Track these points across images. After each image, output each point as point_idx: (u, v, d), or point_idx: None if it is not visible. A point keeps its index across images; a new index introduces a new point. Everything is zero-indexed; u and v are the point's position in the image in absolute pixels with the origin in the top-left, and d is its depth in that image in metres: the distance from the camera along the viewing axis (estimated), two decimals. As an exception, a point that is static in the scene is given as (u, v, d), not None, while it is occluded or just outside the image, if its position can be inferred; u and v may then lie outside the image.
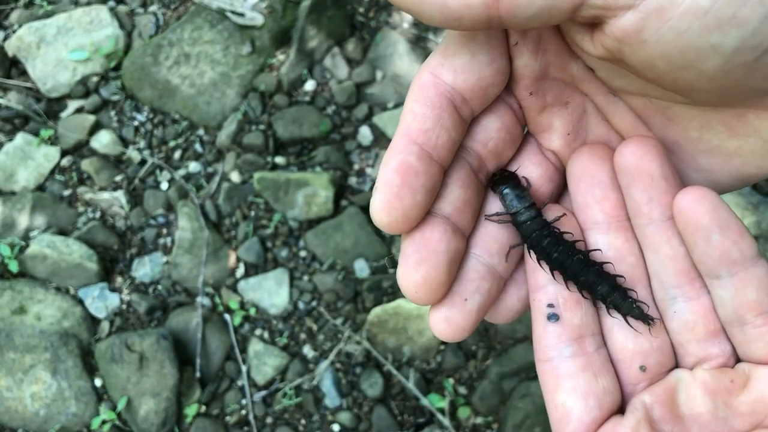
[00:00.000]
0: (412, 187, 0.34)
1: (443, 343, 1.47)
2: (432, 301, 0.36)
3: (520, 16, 0.31)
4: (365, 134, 1.67)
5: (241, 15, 1.75)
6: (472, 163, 0.38)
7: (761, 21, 0.29)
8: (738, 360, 0.37)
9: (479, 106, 0.37)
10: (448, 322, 0.36)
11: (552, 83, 0.38)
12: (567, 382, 0.37)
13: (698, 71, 0.31)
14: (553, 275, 0.39)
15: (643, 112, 0.37)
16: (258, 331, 1.52)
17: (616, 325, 0.38)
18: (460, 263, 0.38)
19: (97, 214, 1.64)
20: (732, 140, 0.35)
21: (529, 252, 0.39)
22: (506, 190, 0.39)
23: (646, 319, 0.38)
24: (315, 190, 1.56)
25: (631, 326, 0.38)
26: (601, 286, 0.38)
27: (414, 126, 0.35)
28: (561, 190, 0.42)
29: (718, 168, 0.37)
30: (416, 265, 0.35)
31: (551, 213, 0.40)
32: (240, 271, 1.57)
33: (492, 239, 0.39)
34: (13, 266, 1.55)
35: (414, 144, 0.35)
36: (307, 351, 1.50)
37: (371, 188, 1.63)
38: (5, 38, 1.85)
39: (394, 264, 0.41)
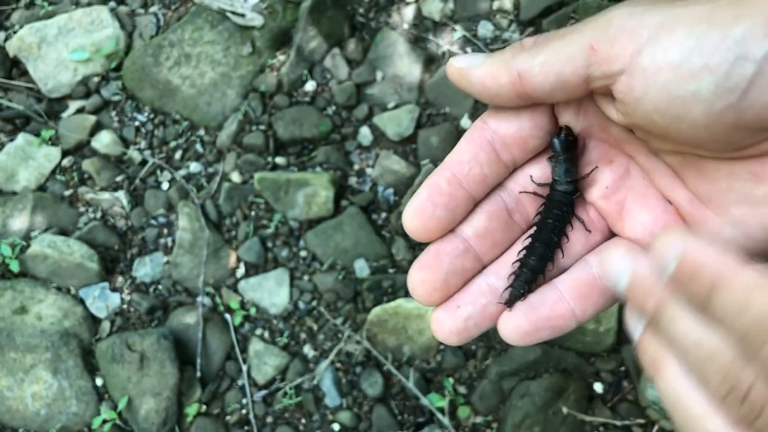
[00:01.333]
0: (434, 203, 0.41)
1: (443, 342, 1.48)
2: (426, 300, 0.42)
3: (541, 91, 0.38)
4: (365, 134, 1.68)
5: (242, 16, 1.76)
6: (507, 202, 0.44)
7: (731, 65, 0.31)
8: None
9: (520, 153, 0.43)
10: (438, 321, 0.42)
11: (596, 143, 0.43)
12: None
13: (690, 120, 0.34)
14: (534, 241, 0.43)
15: (679, 168, 0.40)
16: (258, 331, 1.53)
17: None
18: (468, 280, 0.43)
19: (98, 214, 1.65)
20: (759, 187, 0.37)
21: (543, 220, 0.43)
22: (559, 159, 0.42)
23: (509, 304, 0.42)
24: (315, 190, 1.57)
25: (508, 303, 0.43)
26: (531, 257, 0.43)
27: (453, 157, 0.42)
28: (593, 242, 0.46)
29: (750, 219, 0.38)
30: (420, 268, 0.42)
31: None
32: (240, 270, 1.57)
33: (507, 267, 0.43)
34: (14, 266, 1.55)
35: (448, 170, 0.42)
36: (308, 351, 1.50)
37: (371, 188, 1.63)
38: (6, 39, 1.85)
39: None
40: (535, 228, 0.44)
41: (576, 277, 0.42)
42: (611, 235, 0.44)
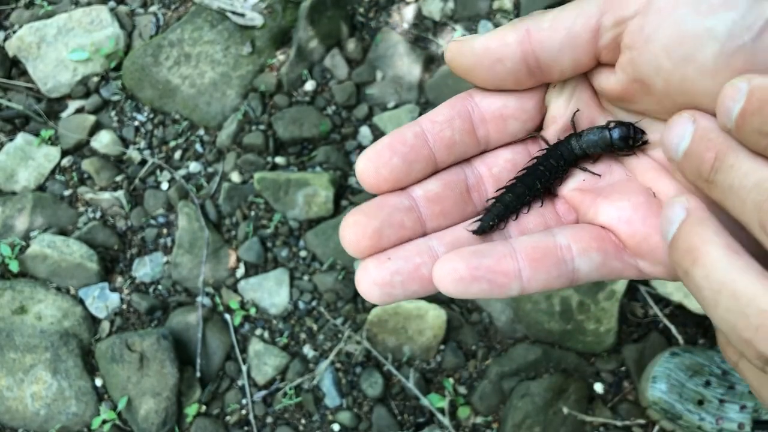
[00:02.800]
0: (393, 151, 0.38)
1: (443, 342, 1.47)
2: (354, 245, 0.38)
3: (549, 50, 0.36)
4: (365, 134, 1.68)
5: (242, 15, 1.76)
6: (468, 177, 0.42)
7: (751, 3, 0.31)
8: None
9: (496, 132, 0.41)
10: (363, 270, 0.38)
11: None
12: None
13: (699, 63, 0.33)
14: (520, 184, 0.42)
15: (664, 162, 0.39)
16: (258, 331, 1.52)
17: None
18: (405, 240, 0.39)
19: (98, 214, 1.65)
20: None
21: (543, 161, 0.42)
22: (604, 133, 0.41)
23: (476, 233, 0.40)
24: (315, 190, 1.57)
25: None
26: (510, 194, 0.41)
27: (427, 116, 0.40)
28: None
29: None
30: (356, 211, 0.39)
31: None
32: (240, 271, 1.57)
33: (453, 238, 0.40)
34: (14, 266, 1.55)
35: (418, 125, 0.40)
36: (307, 351, 1.50)
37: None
38: (6, 38, 1.85)
39: None
40: (523, 170, 0.42)
41: (535, 240, 0.38)
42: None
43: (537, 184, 0.41)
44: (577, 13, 0.36)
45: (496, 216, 0.40)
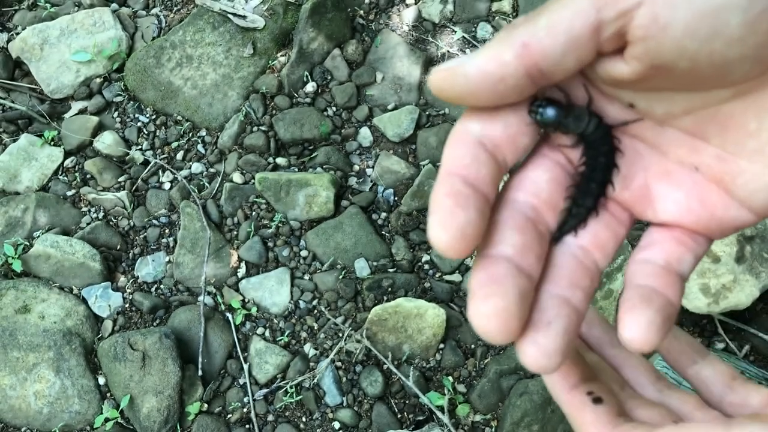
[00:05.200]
0: (463, 207, 0.34)
1: (442, 341, 1.49)
2: (503, 332, 0.34)
3: (551, 57, 0.33)
4: (365, 135, 1.69)
5: (243, 17, 1.77)
6: (526, 213, 0.38)
7: None
8: None
9: (510, 153, 0.38)
10: (535, 344, 0.34)
11: None
12: None
13: (726, 36, 0.31)
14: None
15: (696, 128, 0.37)
16: (259, 330, 1.54)
17: None
18: (531, 301, 0.36)
19: (101, 214, 1.66)
20: None
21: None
22: (561, 117, 0.38)
23: (556, 240, 0.39)
24: (316, 191, 1.58)
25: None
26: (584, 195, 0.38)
27: (454, 163, 0.36)
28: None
29: None
30: (485, 299, 0.34)
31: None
32: (241, 270, 1.58)
33: (563, 276, 0.38)
34: (17, 266, 1.56)
35: (457, 176, 0.36)
36: (308, 349, 1.51)
37: (371, 188, 1.64)
38: (9, 40, 1.86)
39: None
40: (584, 169, 0.39)
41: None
42: (635, 223, 0.40)
43: (606, 176, 0.38)
44: (572, 12, 0.33)
45: (579, 221, 0.38)
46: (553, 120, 0.37)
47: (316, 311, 1.54)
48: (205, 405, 1.48)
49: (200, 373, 1.49)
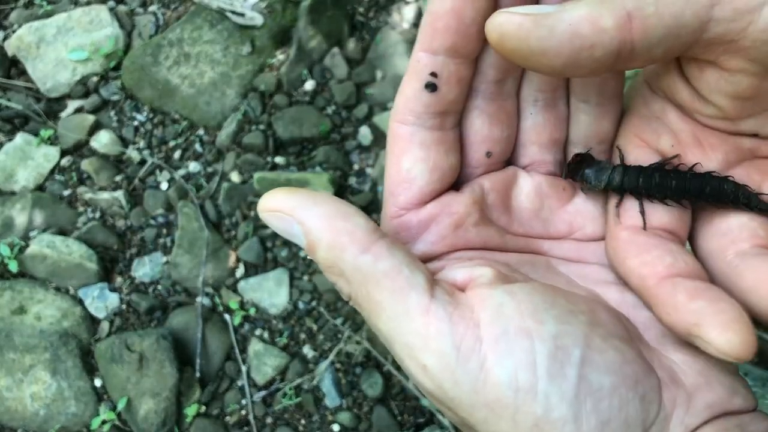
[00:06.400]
0: None
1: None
2: None
3: (650, 39, 0.29)
4: (365, 134, 1.68)
5: (241, 15, 1.76)
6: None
7: None
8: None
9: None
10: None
11: (683, 125, 0.37)
12: (418, 152, 0.35)
13: None
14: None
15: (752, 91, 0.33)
16: (258, 331, 1.53)
17: (476, 109, 0.37)
18: None
19: (97, 214, 1.65)
20: None
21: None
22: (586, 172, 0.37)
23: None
24: (315, 190, 1.57)
25: None
26: None
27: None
28: None
29: None
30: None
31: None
32: (240, 271, 1.57)
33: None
34: (13, 266, 1.55)
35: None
36: (307, 351, 1.50)
37: (371, 188, 1.63)
38: (5, 38, 1.85)
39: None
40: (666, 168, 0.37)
41: None
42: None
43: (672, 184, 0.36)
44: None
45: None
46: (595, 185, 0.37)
47: (315, 312, 1.53)
48: (203, 407, 1.46)
49: (198, 374, 1.47)
